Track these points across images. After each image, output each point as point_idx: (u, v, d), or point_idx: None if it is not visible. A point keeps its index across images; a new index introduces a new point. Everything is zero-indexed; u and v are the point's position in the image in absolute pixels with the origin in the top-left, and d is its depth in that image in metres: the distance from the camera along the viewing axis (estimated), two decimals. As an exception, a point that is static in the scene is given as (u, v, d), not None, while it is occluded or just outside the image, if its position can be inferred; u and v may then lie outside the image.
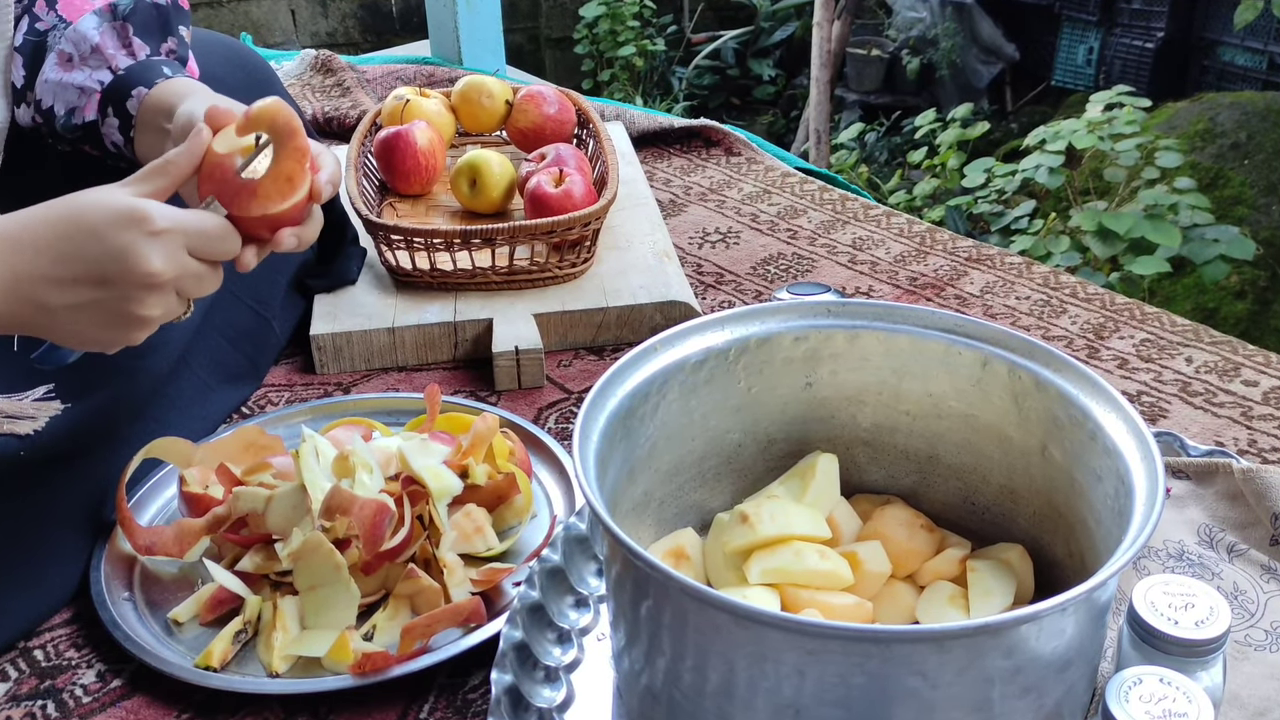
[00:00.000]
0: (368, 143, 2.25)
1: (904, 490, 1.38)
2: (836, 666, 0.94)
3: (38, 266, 1.16)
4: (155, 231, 1.17)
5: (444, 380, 1.87)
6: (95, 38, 1.45)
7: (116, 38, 1.46)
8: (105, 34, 1.45)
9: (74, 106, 1.46)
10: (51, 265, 1.16)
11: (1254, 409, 1.75)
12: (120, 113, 1.44)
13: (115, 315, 1.20)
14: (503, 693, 1.18)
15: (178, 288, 1.22)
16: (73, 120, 1.46)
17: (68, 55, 1.46)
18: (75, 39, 1.45)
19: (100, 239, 1.16)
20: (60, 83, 1.45)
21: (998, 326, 1.24)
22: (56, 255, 1.16)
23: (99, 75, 1.44)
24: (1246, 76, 5.99)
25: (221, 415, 1.73)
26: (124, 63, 1.45)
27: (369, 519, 1.32)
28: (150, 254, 1.17)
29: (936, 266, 2.19)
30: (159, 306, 1.21)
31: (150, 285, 1.18)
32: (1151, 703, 1.01)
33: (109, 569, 1.43)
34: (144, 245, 1.16)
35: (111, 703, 1.31)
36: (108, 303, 1.19)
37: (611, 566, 1.11)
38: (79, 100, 1.45)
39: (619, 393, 1.19)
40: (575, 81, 6.91)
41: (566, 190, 1.99)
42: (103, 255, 1.16)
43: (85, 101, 1.45)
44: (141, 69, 1.45)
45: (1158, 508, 0.99)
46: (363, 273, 2.01)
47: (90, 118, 1.45)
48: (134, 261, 1.16)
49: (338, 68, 3.15)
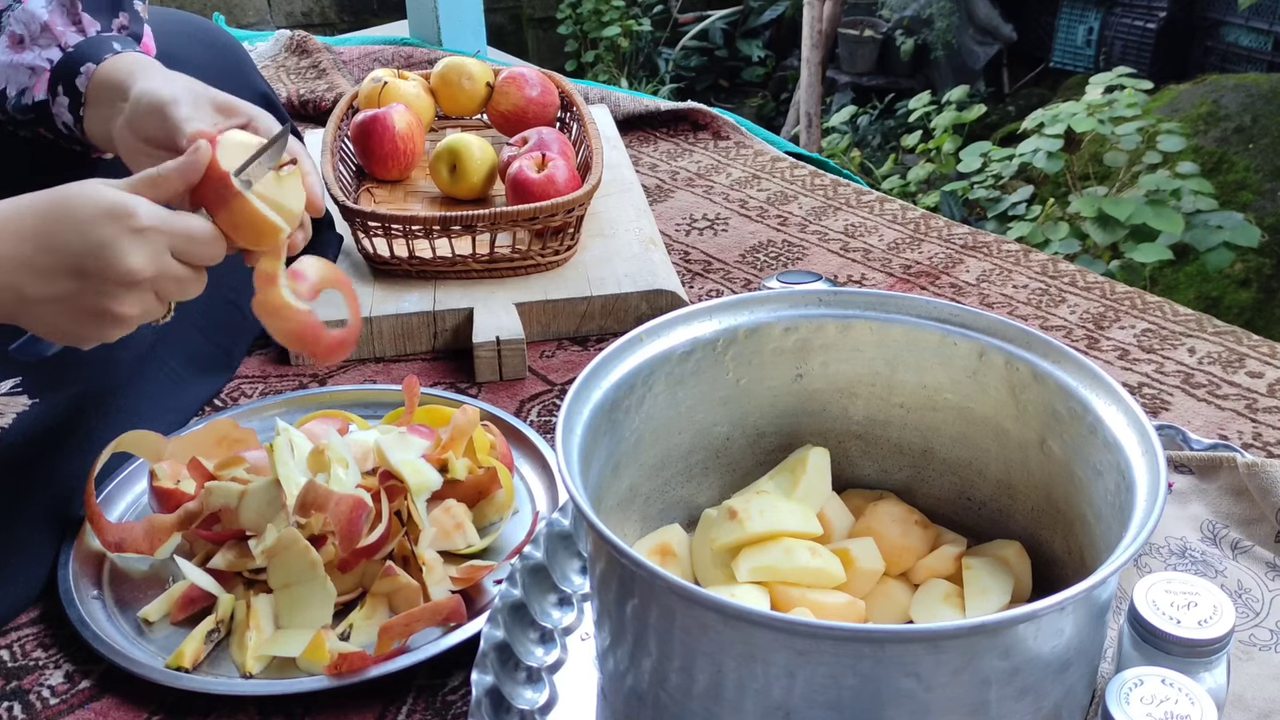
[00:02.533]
0: (344, 126, 2.25)
1: (897, 485, 1.38)
2: (828, 667, 0.94)
3: (20, 253, 1.16)
4: (138, 229, 1.17)
5: (423, 372, 1.86)
6: (44, 16, 1.44)
7: (65, 15, 1.45)
8: (54, 12, 1.45)
9: (24, 87, 1.45)
10: (33, 254, 1.16)
11: (1259, 401, 1.75)
12: (70, 90, 1.43)
13: (90, 310, 1.20)
14: (483, 694, 1.18)
15: (156, 289, 1.22)
16: (23, 100, 1.45)
17: (19, 36, 1.45)
18: (25, 19, 1.45)
19: (82, 232, 1.16)
20: (11, 64, 1.45)
21: (994, 316, 1.24)
22: (39, 244, 1.16)
23: (48, 54, 1.44)
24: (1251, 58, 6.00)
25: (194, 407, 1.73)
26: (74, 40, 1.45)
27: (345, 515, 1.32)
28: (130, 251, 1.17)
29: (931, 254, 2.19)
30: (136, 305, 1.21)
31: (128, 283, 1.18)
32: (1153, 705, 1.01)
33: (77, 566, 1.42)
34: (125, 242, 1.17)
35: (80, 704, 1.31)
36: (84, 297, 1.19)
37: (596, 564, 1.11)
38: (29, 80, 1.45)
39: (603, 384, 1.19)
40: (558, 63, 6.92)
41: (549, 175, 1.99)
42: (83, 248, 1.16)
43: (35, 81, 1.44)
44: (90, 45, 1.44)
45: (1159, 503, 0.99)
46: (339, 260, 2.01)
47: (40, 97, 1.45)
48: (112, 257, 1.16)
49: (313, 49, 3.15)
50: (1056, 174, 4.77)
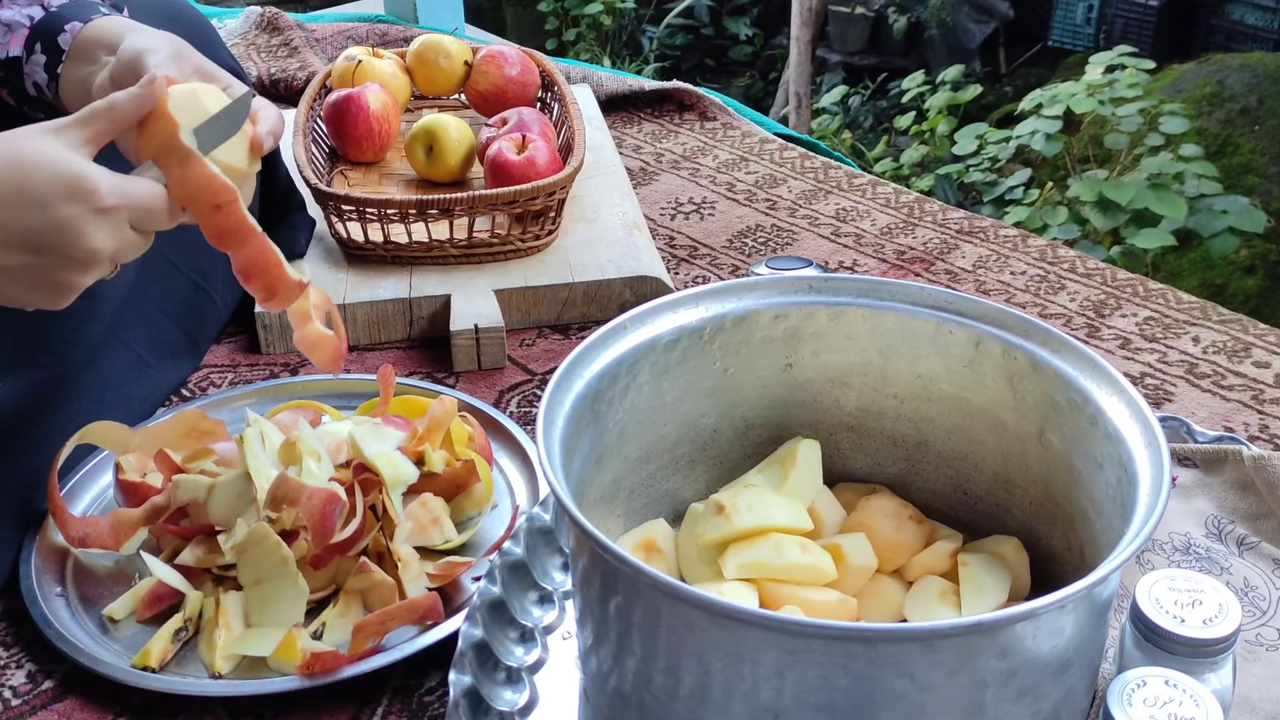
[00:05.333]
0: (317, 106, 2.25)
1: (891, 479, 1.38)
2: (819, 668, 0.94)
3: None
4: (102, 209, 1.16)
5: (398, 361, 1.86)
6: None
7: None
8: None
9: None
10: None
11: (1265, 392, 1.75)
12: (49, 49, 1.42)
13: (45, 282, 1.20)
14: (461, 695, 1.18)
15: (114, 259, 1.22)
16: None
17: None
18: None
19: (44, 208, 1.15)
20: None
21: (991, 304, 1.24)
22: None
23: (30, 10, 1.43)
24: (1257, 36, 6.01)
25: (160, 396, 1.73)
26: (58, 0, 1.45)
27: (318, 509, 1.32)
28: (94, 232, 1.16)
29: (925, 239, 2.19)
30: (93, 277, 1.21)
31: (90, 262, 1.18)
32: (1156, 706, 1.01)
33: (40, 562, 1.42)
34: (89, 223, 1.16)
35: (43, 705, 1.31)
36: (41, 270, 1.18)
37: (578, 560, 1.11)
38: (3, 37, 1.44)
39: (586, 374, 1.19)
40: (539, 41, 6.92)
41: (529, 158, 1.98)
42: (44, 226, 1.15)
43: (10, 38, 1.44)
44: (76, 6, 1.44)
45: (1163, 498, 1.00)
46: (311, 245, 2.01)
47: (15, 53, 1.44)
48: (76, 238, 1.16)
49: (285, 26, 3.14)
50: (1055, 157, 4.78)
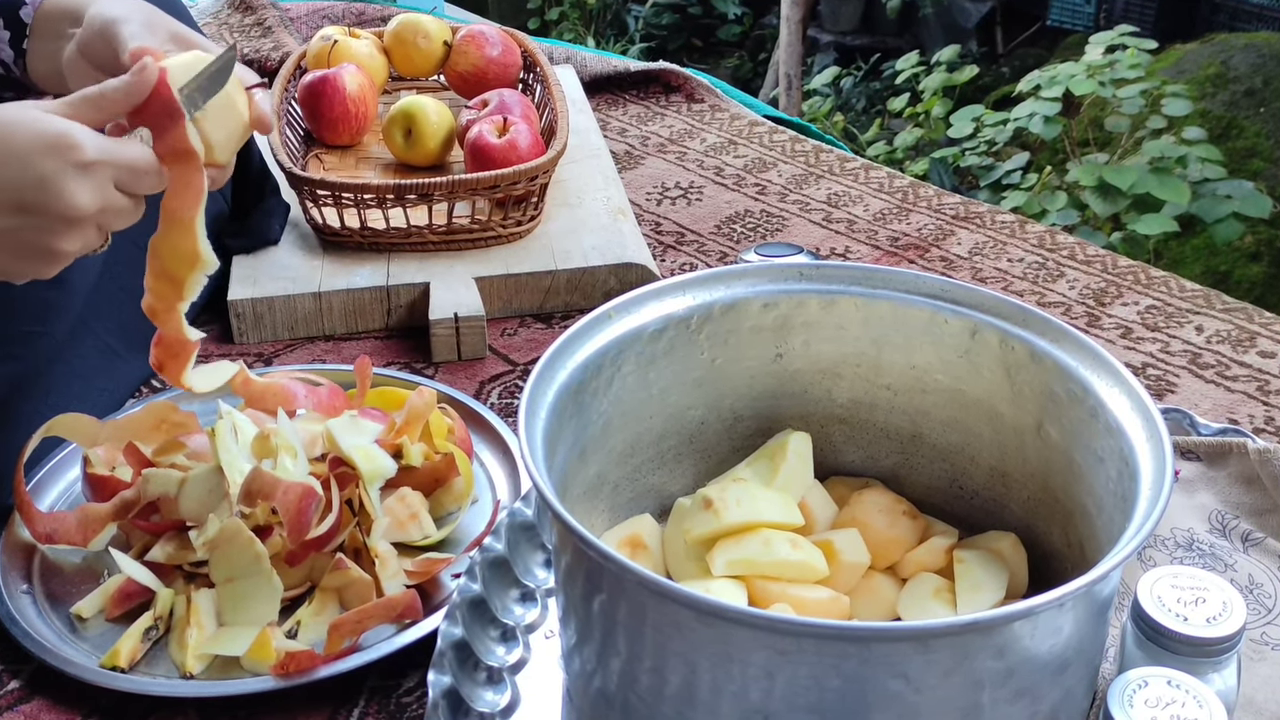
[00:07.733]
0: (291, 88, 2.24)
1: (884, 473, 1.38)
2: (810, 668, 0.94)
3: None
4: (84, 164, 1.16)
5: (375, 351, 1.86)
6: None
7: None
8: None
9: None
10: None
11: (1271, 383, 1.75)
12: (12, 24, 1.42)
13: (29, 246, 1.20)
14: (440, 696, 1.18)
15: (99, 222, 1.22)
16: None
17: None
18: None
19: (24, 164, 1.15)
20: None
21: (988, 292, 1.24)
22: None
23: None
24: (1262, 16, 6.02)
25: (129, 387, 1.72)
26: None
27: (293, 504, 1.32)
28: (76, 188, 1.16)
29: (920, 225, 2.19)
30: (77, 241, 1.21)
31: (71, 219, 1.18)
32: (1158, 707, 1.01)
33: (5, 559, 1.42)
34: (70, 178, 1.16)
35: (8, 707, 1.31)
36: (23, 232, 1.18)
37: (561, 557, 1.11)
38: None
39: (569, 365, 1.19)
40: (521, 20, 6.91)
41: (511, 141, 1.98)
42: (24, 183, 1.15)
43: None
44: None
45: (1165, 492, 1.00)
46: (286, 231, 2.00)
47: None
48: (58, 193, 1.16)
49: (258, 5, 3.13)
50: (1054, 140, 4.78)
